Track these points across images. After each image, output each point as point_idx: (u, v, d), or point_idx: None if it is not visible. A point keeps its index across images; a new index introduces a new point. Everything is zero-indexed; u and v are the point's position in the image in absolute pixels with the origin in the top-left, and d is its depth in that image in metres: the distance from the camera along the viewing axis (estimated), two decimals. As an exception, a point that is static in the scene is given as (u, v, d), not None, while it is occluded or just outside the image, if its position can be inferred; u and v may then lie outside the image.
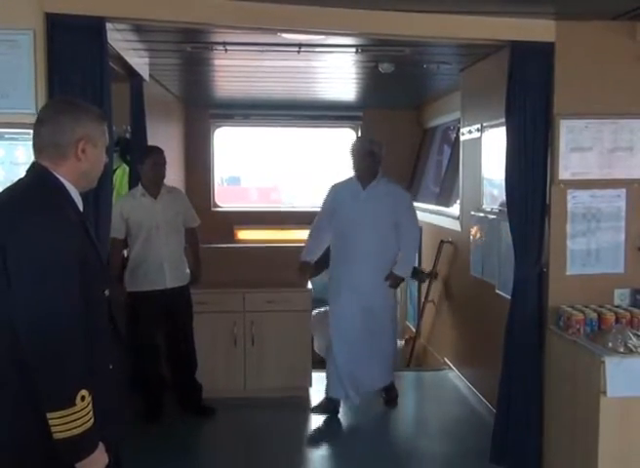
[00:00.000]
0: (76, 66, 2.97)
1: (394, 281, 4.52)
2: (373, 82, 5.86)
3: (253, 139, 9.72)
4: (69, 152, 1.93)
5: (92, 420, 1.81)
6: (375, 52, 4.47)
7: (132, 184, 4.75)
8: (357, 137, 4.27)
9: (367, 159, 4.45)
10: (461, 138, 5.09)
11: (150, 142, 4.81)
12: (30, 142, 2.03)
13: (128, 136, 5.01)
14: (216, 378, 4.62)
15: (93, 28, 2.98)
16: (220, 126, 7.99)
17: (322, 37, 3.96)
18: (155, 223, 4.29)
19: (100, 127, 2.02)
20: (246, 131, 9.18)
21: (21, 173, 2.22)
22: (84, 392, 1.79)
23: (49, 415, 1.77)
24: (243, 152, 9.51)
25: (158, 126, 5.73)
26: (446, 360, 5.57)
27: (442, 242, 5.72)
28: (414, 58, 4.55)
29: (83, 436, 1.79)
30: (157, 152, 4.40)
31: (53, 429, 1.77)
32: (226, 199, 8.94)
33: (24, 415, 1.84)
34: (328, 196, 4.65)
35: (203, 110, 7.63)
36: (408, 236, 4.51)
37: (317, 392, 4.75)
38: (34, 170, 1.98)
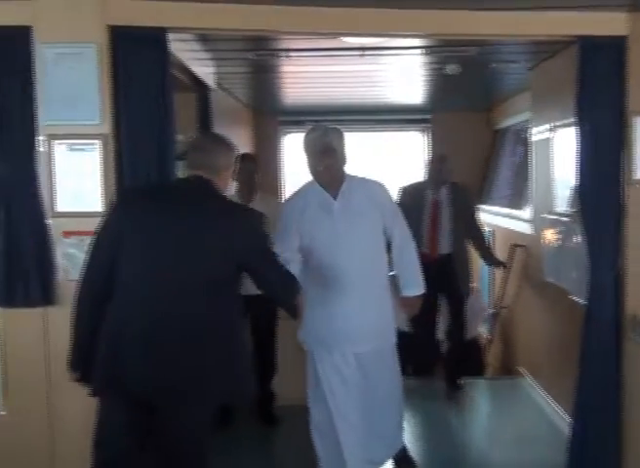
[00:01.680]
0: (139, 77, 3.02)
1: (413, 305, 3.52)
2: (439, 84, 5.77)
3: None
4: (217, 173, 2.61)
5: None
6: (440, 53, 4.39)
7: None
8: (310, 128, 3.37)
9: (326, 157, 3.23)
10: (532, 139, 4.94)
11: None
12: (96, 153, 2.99)
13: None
14: (289, 385, 4.59)
15: (155, 39, 3.02)
16: (288, 133, 8.03)
17: (385, 39, 3.90)
18: None
19: (234, 154, 2.74)
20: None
21: (88, 183, 2.91)
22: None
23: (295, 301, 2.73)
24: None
25: (227, 134, 5.79)
26: (520, 368, 5.40)
27: (513, 246, 5.56)
28: (480, 59, 4.44)
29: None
30: (248, 159, 4.45)
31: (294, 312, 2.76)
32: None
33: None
34: (286, 217, 3.34)
35: (272, 117, 7.68)
36: (403, 240, 3.45)
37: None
38: (206, 181, 2.59)
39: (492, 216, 6.71)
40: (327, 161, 3.21)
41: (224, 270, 2.48)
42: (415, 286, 3.47)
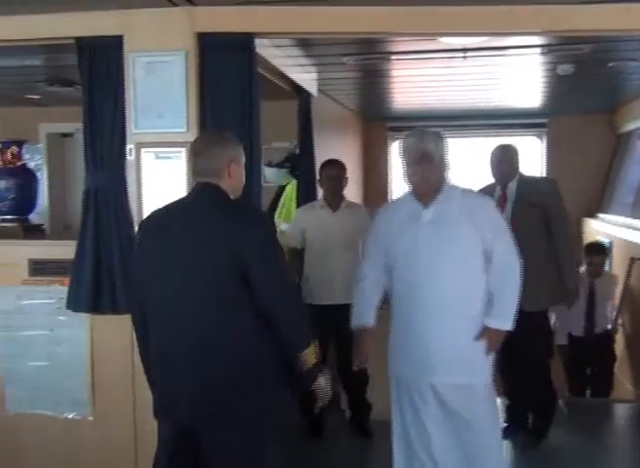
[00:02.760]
0: (226, 84, 2.99)
1: (493, 339, 2.92)
2: (554, 86, 5.45)
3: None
4: (223, 173, 2.42)
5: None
6: (550, 53, 4.11)
7: (300, 200, 4.76)
8: (407, 133, 2.98)
9: (421, 166, 2.85)
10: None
11: (324, 157, 4.80)
12: (182, 161, 2.94)
13: (298, 151, 5.05)
14: (384, 399, 4.45)
15: (241, 45, 2.98)
16: (397, 138, 7.89)
17: (487, 39, 3.70)
18: (330, 236, 4.22)
19: (240, 148, 2.53)
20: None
21: (174, 191, 2.80)
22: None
23: (302, 355, 2.36)
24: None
25: (332, 140, 5.75)
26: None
27: (633, 259, 5.14)
28: (595, 57, 4.13)
29: (317, 363, 2.42)
30: (330, 165, 4.33)
31: (303, 362, 2.36)
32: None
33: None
34: (374, 229, 3.07)
35: (380, 123, 7.58)
36: (504, 265, 2.91)
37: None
38: (213, 187, 2.42)
39: (610, 226, 6.27)
40: (422, 170, 2.85)
41: (234, 281, 2.30)
42: (503, 317, 2.90)
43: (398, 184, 8.06)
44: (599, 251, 5.35)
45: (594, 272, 5.19)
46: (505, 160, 3.92)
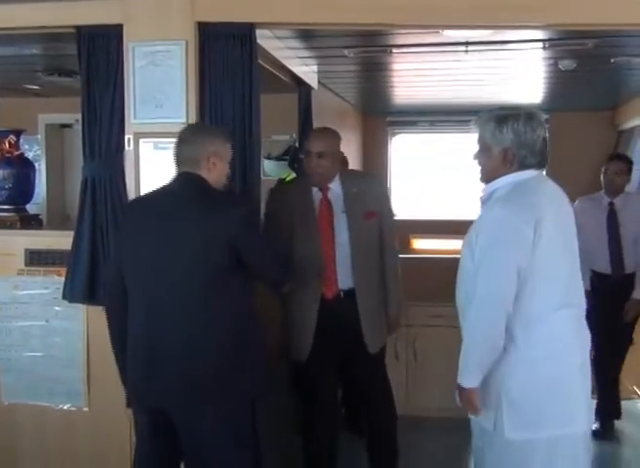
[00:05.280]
0: (226, 75, 2.97)
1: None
2: (556, 82, 5.42)
3: (440, 146, 9.45)
4: (202, 164, 2.46)
5: None
6: (552, 47, 4.07)
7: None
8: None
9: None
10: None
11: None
12: None
13: (297, 144, 5.03)
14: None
15: (242, 35, 2.95)
16: (397, 133, 7.86)
17: (490, 33, 3.66)
18: None
19: (226, 145, 2.55)
20: (432, 138, 8.93)
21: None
22: None
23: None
24: (439, 162, 9.31)
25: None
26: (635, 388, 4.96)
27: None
28: (598, 52, 4.09)
29: None
30: None
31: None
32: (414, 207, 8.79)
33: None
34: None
35: (380, 118, 7.54)
36: None
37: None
38: (192, 176, 2.48)
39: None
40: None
41: (218, 267, 2.36)
42: None
43: (398, 178, 8.05)
44: (615, 157, 4.76)
45: (610, 184, 4.42)
46: None
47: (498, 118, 2.43)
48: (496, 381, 2.38)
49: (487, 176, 2.51)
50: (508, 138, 2.41)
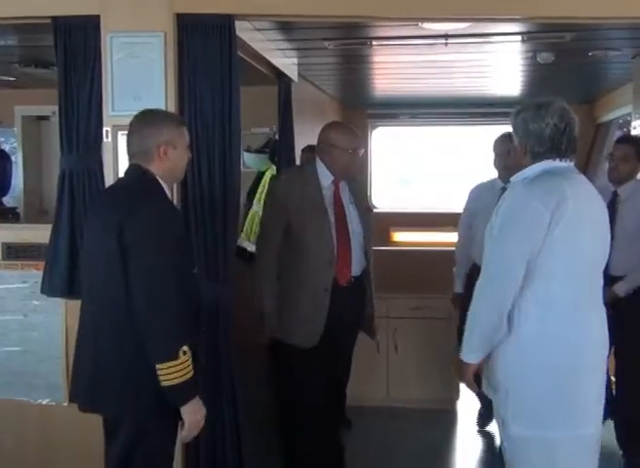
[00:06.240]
0: (205, 67, 2.95)
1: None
2: (535, 75, 5.44)
3: (421, 139, 9.50)
4: (154, 155, 2.32)
5: (191, 372, 2.17)
6: (531, 40, 4.09)
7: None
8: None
9: None
10: (633, 133, 4.56)
11: (303, 143, 4.76)
12: None
13: (277, 137, 5.02)
14: (358, 385, 4.46)
15: (221, 27, 2.93)
16: (377, 126, 7.86)
17: (469, 25, 3.67)
18: None
19: (179, 131, 2.40)
20: (413, 131, 8.96)
21: None
22: (185, 348, 2.14)
23: (157, 367, 2.13)
24: (413, 153, 9.36)
25: (312, 126, 5.69)
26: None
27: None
28: (576, 46, 4.11)
29: (184, 384, 2.15)
30: (312, 150, 4.31)
31: (160, 378, 2.14)
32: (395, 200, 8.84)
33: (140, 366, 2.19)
34: None
35: (360, 110, 7.53)
36: None
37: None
38: (135, 169, 2.36)
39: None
40: None
41: (124, 268, 2.18)
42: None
43: (379, 170, 8.06)
44: (621, 139, 4.17)
45: (614, 172, 3.75)
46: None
47: (515, 111, 2.47)
48: (501, 370, 2.36)
49: (515, 170, 2.50)
50: (521, 129, 2.43)
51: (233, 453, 3.09)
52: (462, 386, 4.07)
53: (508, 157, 3.59)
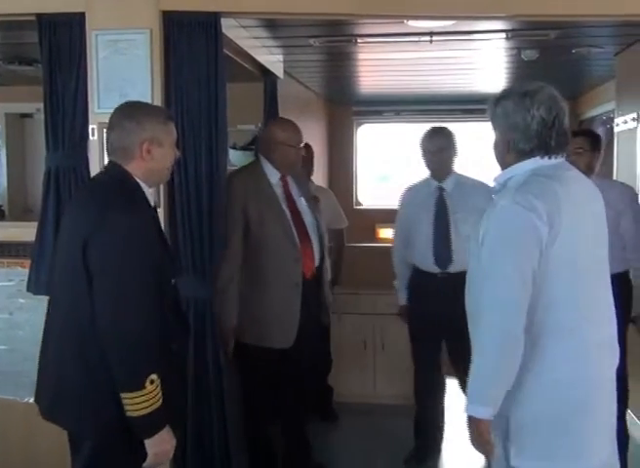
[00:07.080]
0: (191, 64, 2.94)
1: None
2: (519, 72, 5.48)
3: (402, 136, 9.52)
4: (135, 153, 2.12)
5: (159, 402, 2.00)
6: (515, 38, 4.12)
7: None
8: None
9: None
10: (616, 130, 4.61)
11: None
12: None
13: (263, 134, 5.01)
14: (345, 382, 4.50)
15: (207, 24, 2.93)
16: (363, 123, 7.87)
17: (454, 23, 3.69)
18: None
19: (165, 127, 2.18)
20: (396, 127, 8.97)
21: None
22: (153, 376, 1.98)
23: (122, 396, 1.98)
24: (394, 150, 9.37)
25: (297, 124, 5.69)
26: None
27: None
28: (559, 43, 4.15)
29: (151, 415, 1.99)
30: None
31: (125, 408, 1.98)
32: (375, 197, 8.83)
33: (105, 396, 2.03)
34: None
35: (345, 107, 7.54)
36: None
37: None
38: (112, 168, 2.19)
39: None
40: None
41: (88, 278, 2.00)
42: None
43: (364, 169, 8.07)
44: (576, 132, 3.65)
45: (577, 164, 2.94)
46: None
47: (495, 98, 2.15)
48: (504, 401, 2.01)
49: (501, 167, 2.19)
50: (502, 122, 2.11)
51: (220, 450, 3.09)
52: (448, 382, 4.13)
53: (440, 154, 3.69)
